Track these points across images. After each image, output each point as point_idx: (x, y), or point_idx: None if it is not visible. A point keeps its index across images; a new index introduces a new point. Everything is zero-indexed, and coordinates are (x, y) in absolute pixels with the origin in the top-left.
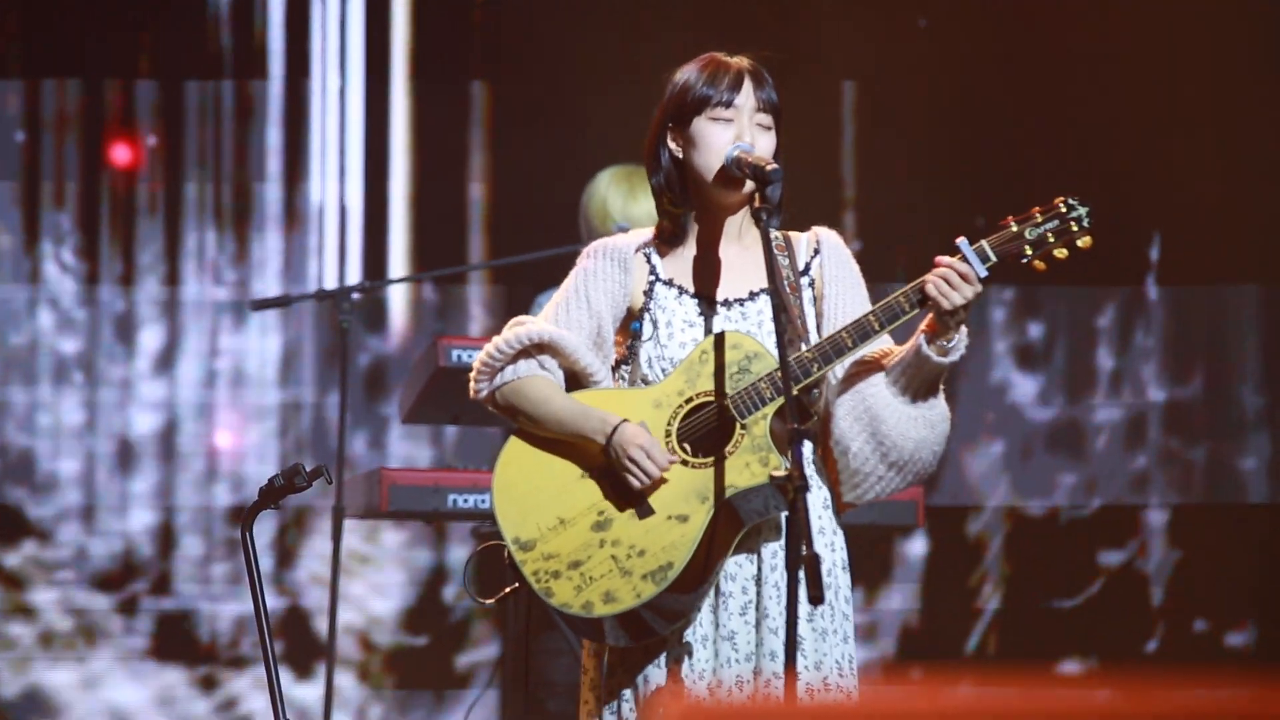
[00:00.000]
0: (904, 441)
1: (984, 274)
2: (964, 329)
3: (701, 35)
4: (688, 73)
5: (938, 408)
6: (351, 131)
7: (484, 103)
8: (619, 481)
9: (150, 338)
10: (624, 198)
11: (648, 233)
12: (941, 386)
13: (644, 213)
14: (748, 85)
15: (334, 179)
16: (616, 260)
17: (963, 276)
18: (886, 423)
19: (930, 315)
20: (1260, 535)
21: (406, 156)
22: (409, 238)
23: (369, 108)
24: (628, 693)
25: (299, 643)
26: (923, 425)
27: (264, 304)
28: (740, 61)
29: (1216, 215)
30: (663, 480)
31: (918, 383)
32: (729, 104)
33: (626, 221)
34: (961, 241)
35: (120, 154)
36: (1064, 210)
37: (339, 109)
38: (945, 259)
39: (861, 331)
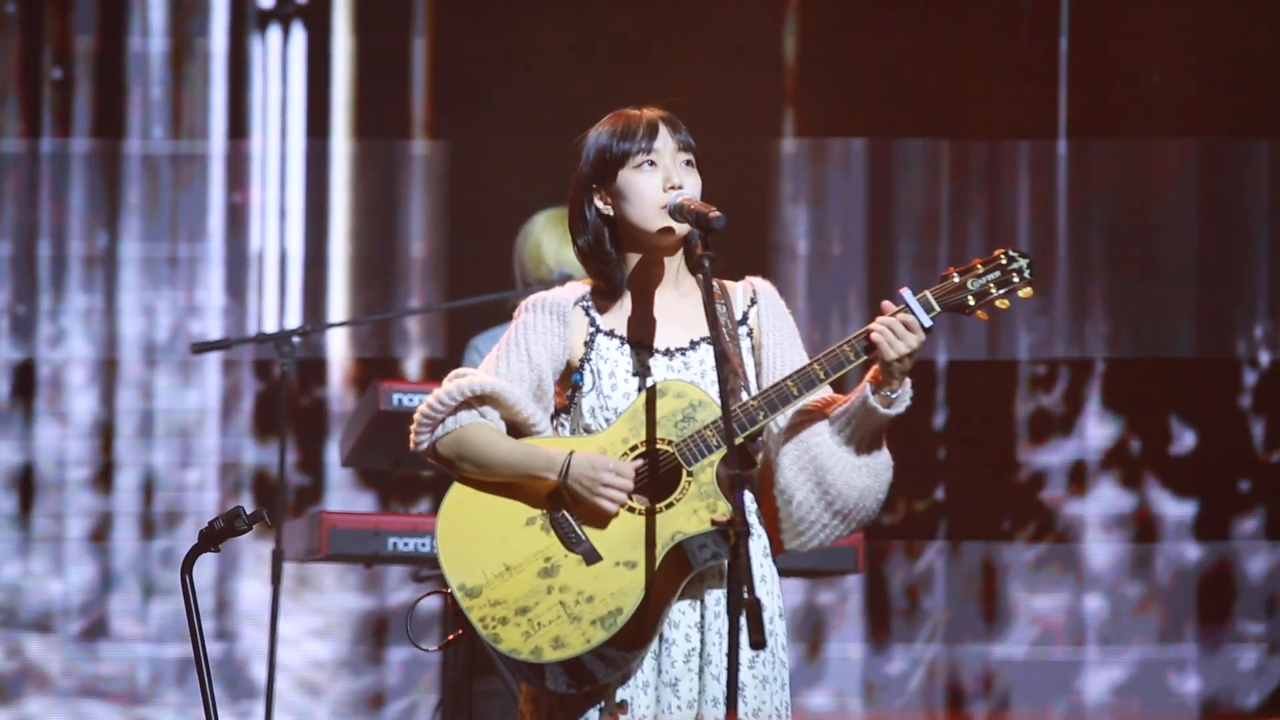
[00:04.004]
0: (849, 491)
1: (928, 324)
2: (908, 381)
3: None
4: (599, 133)
5: (881, 457)
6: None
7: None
8: (564, 528)
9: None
10: (559, 241)
11: (585, 286)
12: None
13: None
14: (663, 131)
15: (274, 223)
16: (555, 314)
17: (907, 326)
18: (832, 472)
19: (875, 365)
20: None
21: (347, 208)
22: (348, 282)
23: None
24: None
25: (238, 685)
26: (867, 474)
27: (205, 347)
28: (649, 111)
29: None
30: (623, 507)
31: (862, 432)
32: (649, 150)
33: (561, 265)
34: (905, 292)
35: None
36: (1004, 262)
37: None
38: (891, 306)
39: (807, 380)
